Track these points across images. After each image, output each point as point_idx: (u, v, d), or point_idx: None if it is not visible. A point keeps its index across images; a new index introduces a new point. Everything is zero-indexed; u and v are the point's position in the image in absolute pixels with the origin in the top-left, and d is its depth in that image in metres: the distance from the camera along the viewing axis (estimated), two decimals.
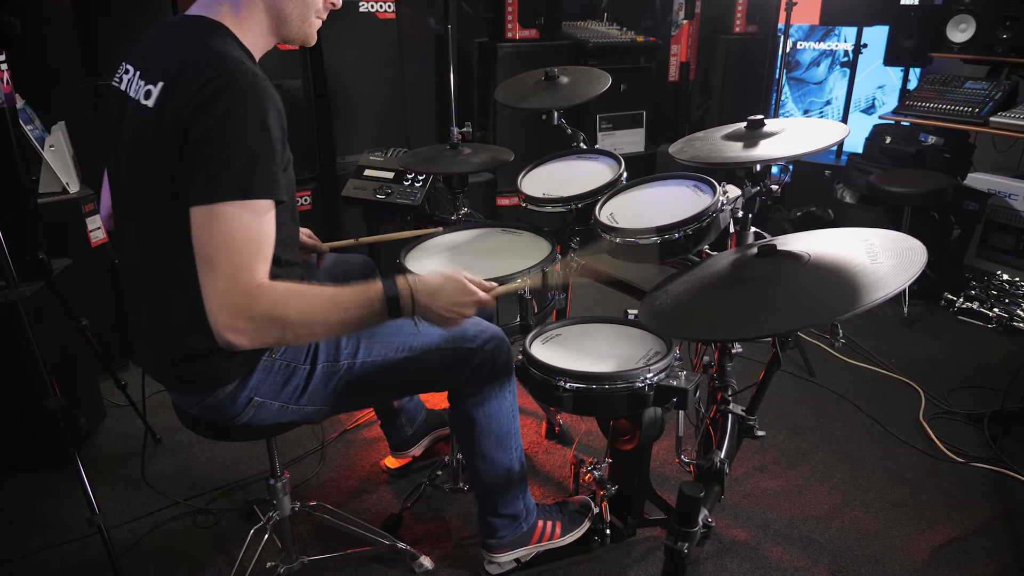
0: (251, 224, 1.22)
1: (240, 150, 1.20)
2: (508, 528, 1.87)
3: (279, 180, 1.27)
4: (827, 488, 2.30)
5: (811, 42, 4.84)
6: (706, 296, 1.43)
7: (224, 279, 1.19)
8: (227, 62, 1.24)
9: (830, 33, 4.75)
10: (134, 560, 2.02)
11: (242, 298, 1.20)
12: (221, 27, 1.33)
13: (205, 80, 1.20)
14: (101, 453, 2.49)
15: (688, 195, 1.83)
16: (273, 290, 1.24)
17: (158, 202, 1.30)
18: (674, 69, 4.23)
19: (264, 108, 1.23)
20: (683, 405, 1.45)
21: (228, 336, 1.21)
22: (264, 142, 1.23)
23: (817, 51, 4.83)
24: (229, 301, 1.20)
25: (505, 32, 3.60)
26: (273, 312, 1.23)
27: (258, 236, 1.23)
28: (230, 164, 1.20)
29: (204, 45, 1.27)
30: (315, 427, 2.61)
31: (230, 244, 1.20)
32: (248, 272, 1.21)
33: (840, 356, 3.09)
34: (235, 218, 1.20)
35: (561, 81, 2.24)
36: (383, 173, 2.42)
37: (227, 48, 1.27)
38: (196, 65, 1.24)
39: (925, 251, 1.32)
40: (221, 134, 1.20)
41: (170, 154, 1.23)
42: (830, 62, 4.82)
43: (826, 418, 2.67)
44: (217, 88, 1.20)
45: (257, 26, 1.39)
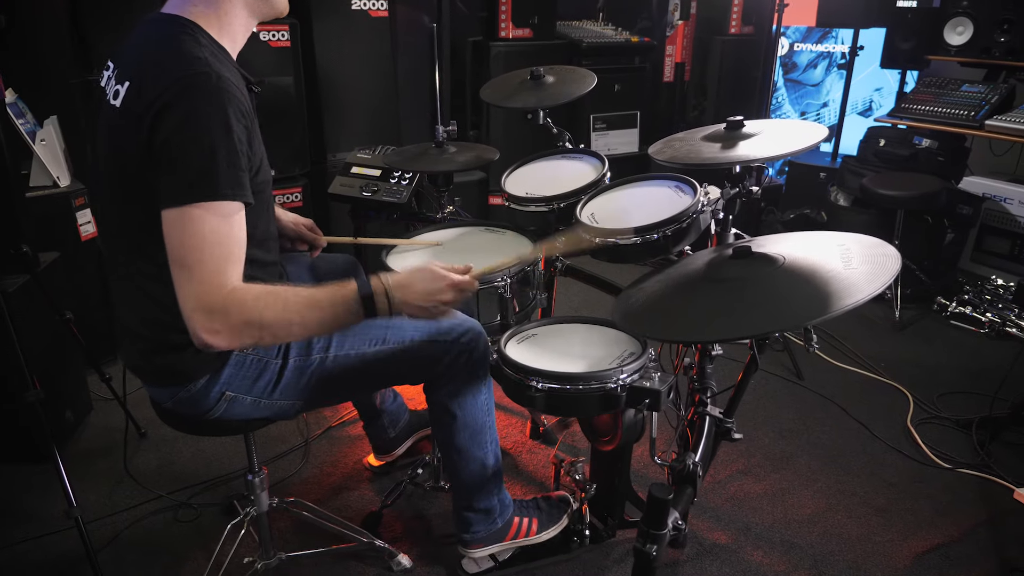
0: (220, 227, 1.22)
1: (204, 153, 1.21)
2: (482, 523, 1.87)
3: (244, 182, 1.27)
4: (811, 492, 2.29)
5: (808, 44, 4.83)
6: (678, 295, 1.42)
7: (197, 283, 1.21)
8: (192, 63, 1.24)
9: (827, 35, 4.74)
10: (114, 553, 2.02)
11: (217, 303, 1.21)
12: (193, 25, 1.32)
13: (169, 82, 1.21)
14: (87, 446, 2.50)
15: (669, 196, 1.82)
16: (248, 293, 1.25)
17: (127, 198, 1.31)
18: (669, 69, 4.22)
19: (227, 110, 1.23)
20: (656, 407, 1.45)
21: (205, 337, 1.22)
22: (228, 144, 1.23)
23: (814, 53, 4.82)
24: (204, 305, 1.21)
25: (499, 31, 3.59)
26: (250, 316, 1.24)
27: (227, 239, 1.24)
28: (193, 167, 1.20)
29: (171, 46, 1.27)
30: (300, 423, 2.61)
31: (201, 247, 1.21)
32: (220, 276, 1.22)
33: (829, 359, 3.09)
34: (203, 221, 1.21)
35: (547, 80, 2.23)
36: (370, 171, 2.42)
37: (194, 49, 1.27)
38: (161, 65, 1.24)
39: (899, 259, 1.32)
40: (185, 137, 1.20)
41: (137, 153, 1.23)
42: (827, 64, 4.81)
43: (812, 421, 2.66)
44: (181, 90, 1.20)
45: (237, 17, 1.39)
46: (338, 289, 1.33)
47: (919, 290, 3.50)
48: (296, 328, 1.31)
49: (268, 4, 1.42)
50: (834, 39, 4.75)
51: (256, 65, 2.97)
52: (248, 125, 1.30)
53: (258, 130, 1.41)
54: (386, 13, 3.25)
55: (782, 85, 4.96)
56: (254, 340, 1.28)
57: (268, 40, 2.95)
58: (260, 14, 1.43)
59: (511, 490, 2.27)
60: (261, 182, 1.40)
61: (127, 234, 1.35)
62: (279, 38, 2.97)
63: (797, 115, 5.00)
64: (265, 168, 1.43)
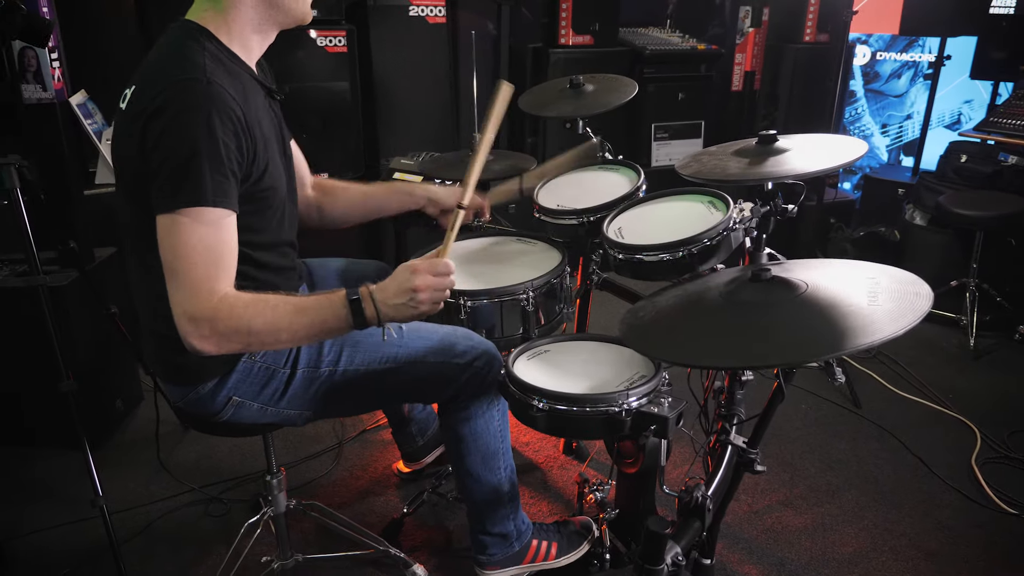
0: (207, 234, 1.23)
1: (187, 159, 1.21)
2: (498, 547, 1.83)
3: (228, 190, 1.27)
4: (855, 530, 2.15)
5: (892, 52, 4.58)
6: (688, 314, 1.35)
7: (186, 290, 1.22)
8: (185, 69, 1.25)
9: (913, 43, 4.49)
10: (144, 542, 2.09)
11: (205, 311, 1.23)
12: (203, 31, 1.34)
13: (160, 88, 1.23)
14: (133, 436, 2.59)
15: (701, 212, 1.74)
16: (238, 301, 1.26)
17: (133, 198, 1.34)
18: (738, 78, 4.08)
19: (212, 117, 1.23)
20: (663, 434, 1.38)
21: (194, 343, 1.25)
22: (212, 151, 1.23)
23: (899, 62, 4.58)
24: (191, 313, 1.22)
25: (558, 38, 3.55)
26: (238, 324, 1.26)
27: (216, 246, 1.25)
28: (177, 173, 1.22)
29: (172, 51, 1.30)
30: (335, 425, 2.64)
31: (188, 255, 1.23)
32: (208, 283, 1.23)
33: (891, 387, 2.90)
34: (190, 228, 1.22)
35: (586, 89, 2.18)
36: (412, 177, 2.42)
37: (194, 55, 1.28)
38: (159, 71, 1.27)
39: (931, 299, 1.21)
40: (170, 142, 1.22)
41: (135, 156, 1.26)
42: (912, 74, 4.56)
43: (865, 453, 2.51)
44: (169, 96, 1.22)
45: (247, 23, 1.39)
46: (327, 296, 1.33)
47: (999, 317, 3.26)
48: (284, 334, 1.30)
49: (282, 12, 1.41)
50: (920, 48, 4.49)
51: (312, 70, 3.03)
52: (240, 131, 1.29)
53: (267, 137, 1.41)
54: (444, 19, 3.25)
55: (862, 96, 4.73)
56: (242, 347, 1.30)
57: (325, 46, 3.00)
58: (275, 22, 1.43)
59: (538, 506, 2.24)
60: (267, 188, 1.41)
61: (136, 232, 1.38)
62: (336, 43, 3.02)
63: (878, 127, 4.76)
64: (273, 174, 1.43)
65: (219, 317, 1.23)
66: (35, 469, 2.41)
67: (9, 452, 2.48)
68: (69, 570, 1.97)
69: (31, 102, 2.16)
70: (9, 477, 2.38)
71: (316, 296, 1.33)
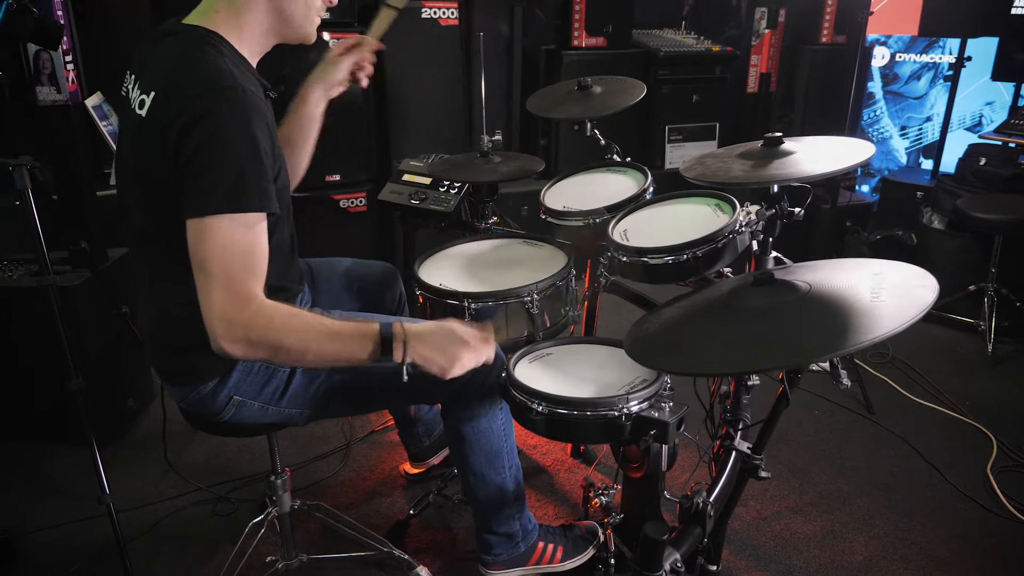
0: (244, 237, 1.25)
1: (230, 165, 1.23)
2: (503, 547, 1.82)
3: (271, 192, 1.29)
4: (865, 538, 2.12)
5: (912, 54, 4.53)
6: (694, 323, 1.34)
7: (222, 293, 1.23)
8: (218, 76, 1.26)
9: (933, 44, 4.43)
10: (151, 540, 2.11)
11: (241, 316, 1.24)
12: (215, 36, 1.34)
13: (196, 95, 1.23)
14: (145, 434, 2.61)
15: (708, 214, 1.73)
16: (276, 313, 1.28)
17: (148, 202, 1.35)
18: (753, 80, 4.05)
19: (253, 123, 1.26)
20: (663, 439, 1.37)
21: (224, 346, 1.25)
22: (254, 156, 1.25)
23: (918, 63, 4.52)
24: (227, 316, 1.23)
25: (571, 39, 3.54)
26: (270, 336, 1.27)
27: (251, 249, 1.26)
28: (221, 179, 1.23)
29: (196, 57, 1.29)
30: (343, 426, 2.64)
31: (227, 258, 1.23)
32: (246, 288, 1.24)
33: (906, 393, 2.86)
34: (228, 232, 1.23)
35: (594, 91, 2.17)
36: (421, 179, 2.43)
37: (219, 61, 1.29)
38: (187, 78, 1.26)
39: (936, 291, 1.19)
40: (211, 149, 1.23)
41: (161, 162, 1.26)
42: (932, 75, 4.50)
43: (878, 460, 2.47)
44: (209, 103, 1.23)
45: (257, 27, 1.40)
46: (361, 327, 1.34)
47: (1018, 323, 3.20)
48: (311, 356, 1.32)
49: (289, 27, 1.43)
50: (941, 49, 4.43)
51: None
52: (272, 134, 1.33)
53: (277, 137, 1.42)
54: (456, 22, 3.26)
55: (881, 98, 4.68)
56: (267, 358, 1.32)
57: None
58: (278, 34, 1.44)
59: (545, 509, 2.23)
60: (280, 188, 1.42)
61: (146, 236, 1.39)
62: None
63: (897, 129, 4.70)
64: (284, 174, 1.44)
65: (254, 325, 1.24)
66: (48, 466, 2.44)
67: (24, 448, 2.51)
68: (78, 566, 1.99)
69: (46, 104, 2.19)
70: (23, 473, 2.41)
71: (350, 324, 1.34)
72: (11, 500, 2.28)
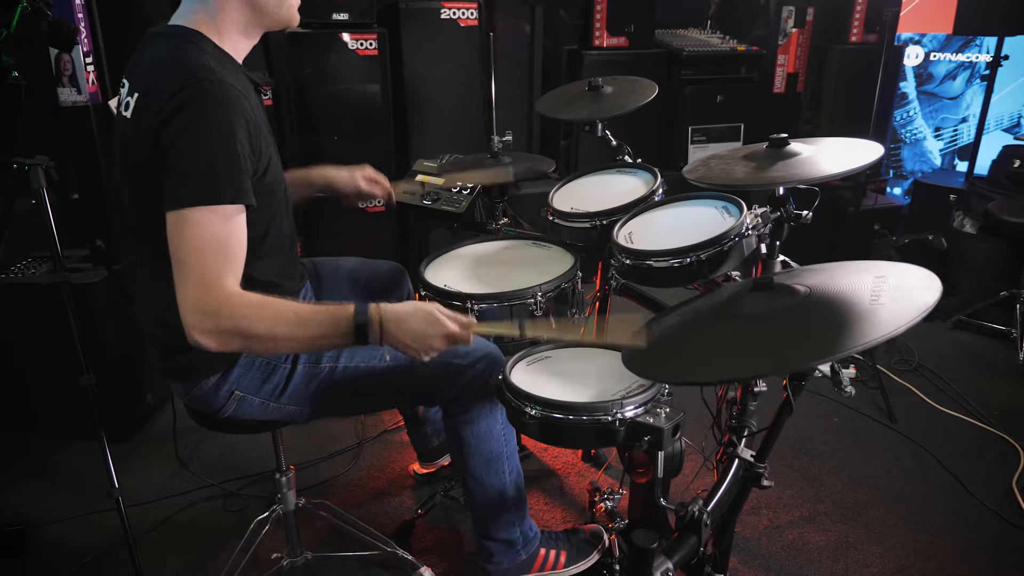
0: (219, 229, 1.25)
1: (206, 157, 1.24)
2: (504, 554, 1.81)
3: (246, 185, 1.29)
4: (880, 550, 2.07)
5: (947, 53, 4.40)
6: (691, 331, 1.31)
7: (195, 284, 1.23)
8: (197, 71, 1.27)
9: (970, 43, 4.30)
10: (162, 534, 2.14)
11: (212, 305, 1.24)
12: (196, 35, 1.37)
13: (175, 90, 1.25)
14: (163, 430, 2.65)
15: (715, 217, 1.70)
16: (244, 301, 1.27)
17: (140, 202, 1.36)
18: (780, 80, 3.98)
19: (230, 116, 1.26)
20: (658, 445, 1.34)
21: (197, 337, 1.25)
22: (230, 148, 1.26)
23: (954, 63, 4.39)
24: (199, 307, 1.24)
25: (593, 39, 3.51)
26: (241, 324, 1.26)
27: (227, 240, 1.26)
28: (194, 171, 1.23)
29: (177, 55, 1.31)
30: (356, 425, 2.66)
31: (201, 249, 1.24)
32: (217, 278, 1.24)
33: (930, 401, 2.78)
34: (203, 223, 1.24)
35: (605, 91, 2.15)
36: (434, 179, 2.42)
37: (199, 56, 1.31)
38: (166, 75, 1.28)
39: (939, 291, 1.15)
40: (187, 141, 1.24)
41: (147, 160, 1.28)
42: (968, 75, 4.37)
43: (898, 471, 2.40)
44: (185, 97, 1.24)
45: (235, 25, 1.42)
46: (334, 312, 1.32)
47: None
48: (283, 343, 1.32)
49: (267, 16, 1.44)
50: (977, 48, 4.31)
51: (344, 73, 3.06)
52: (252, 128, 1.33)
53: (267, 132, 1.44)
54: (476, 22, 3.25)
55: (914, 98, 4.56)
56: (241, 348, 1.31)
57: (356, 49, 3.03)
58: (259, 25, 1.45)
59: (553, 512, 2.22)
60: (271, 182, 1.43)
61: (140, 235, 1.41)
62: (367, 46, 3.05)
63: (931, 130, 4.58)
64: (274, 169, 1.45)
65: (224, 313, 1.24)
66: (67, 459, 2.49)
67: (45, 442, 2.57)
68: (90, 559, 2.03)
69: (66, 104, 2.24)
70: (42, 466, 2.46)
71: (323, 309, 1.32)
72: (29, 492, 2.33)
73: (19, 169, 1.79)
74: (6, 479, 2.39)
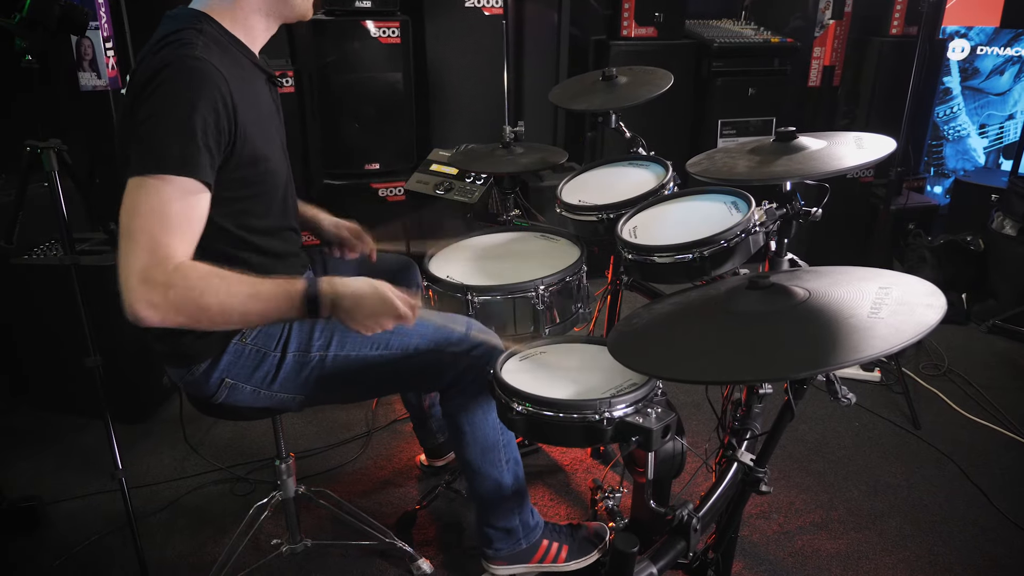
0: (173, 200, 1.22)
1: (161, 128, 1.23)
2: (504, 542, 1.79)
3: (199, 160, 1.25)
4: (894, 560, 1.99)
5: (995, 47, 4.23)
6: (681, 323, 1.27)
7: (142, 252, 1.19)
8: (180, 47, 1.27)
9: (1019, 37, 4.12)
10: (167, 516, 2.17)
11: (159, 275, 1.19)
12: (204, 17, 1.37)
13: (154, 66, 1.26)
14: (176, 413, 2.68)
15: (722, 212, 1.64)
16: (193, 272, 1.23)
17: None
18: (816, 73, 3.86)
19: (195, 91, 1.25)
20: (647, 446, 1.30)
21: (140, 309, 1.19)
22: (186, 122, 1.23)
23: (1001, 57, 4.22)
24: (147, 276, 1.19)
25: (621, 29, 3.45)
26: (190, 295, 1.22)
27: (180, 213, 1.23)
28: (148, 143, 1.23)
29: (171, 34, 1.31)
30: (367, 413, 2.66)
31: (147, 217, 1.20)
32: (165, 248, 1.20)
33: (958, 408, 2.68)
34: (156, 192, 1.21)
35: (619, 81, 2.10)
36: (447, 169, 2.41)
37: (187, 35, 1.31)
38: (150, 54, 1.29)
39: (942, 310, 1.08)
40: (147, 112, 1.24)
41: (129, 137, 1.28)
42: (1017, 70, 4.19)
43: (918, 479, 2.32)
44: (159, 69, 1.25)
45: (254, 10, 1.43)
46: (285, 285, 1.30)
47: None
48: (236, 317, 1.28)
49: (287, 6, 1.46)
50: None
51: (366, 61, 3.06)
52: (222, 108, 1.29)
53: (263, 120, 1.44)
54: (500, 11, 3.22)
55: (958, 93, 4.39)
56: (189, 320, 1.25)
57: (379, 36, 3.03)
58: (279, 15, 1.47)
59: (557, 508, 2.19)
60: (266, 172, 1.43)
61: None
62: (390, 35, 3.04)
63: (975, 127, 4.41)
64: (272, 159, 1.45)
65: (173, 284, 1.20)
66: (84, 439, 2.54)
67: (63, 421, 2.63)
68: (96, 537, 2.06)
69: (87, 89, 2.27)
70: (60, 445, 2.52)
71: (275, 283, 1.30)
72: (46, 468, 2.39)
73: (32, 152, 1.81)
74: (26, 457, 2.45)
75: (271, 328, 1.51)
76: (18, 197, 1.89)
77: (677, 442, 1.53)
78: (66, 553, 2.02)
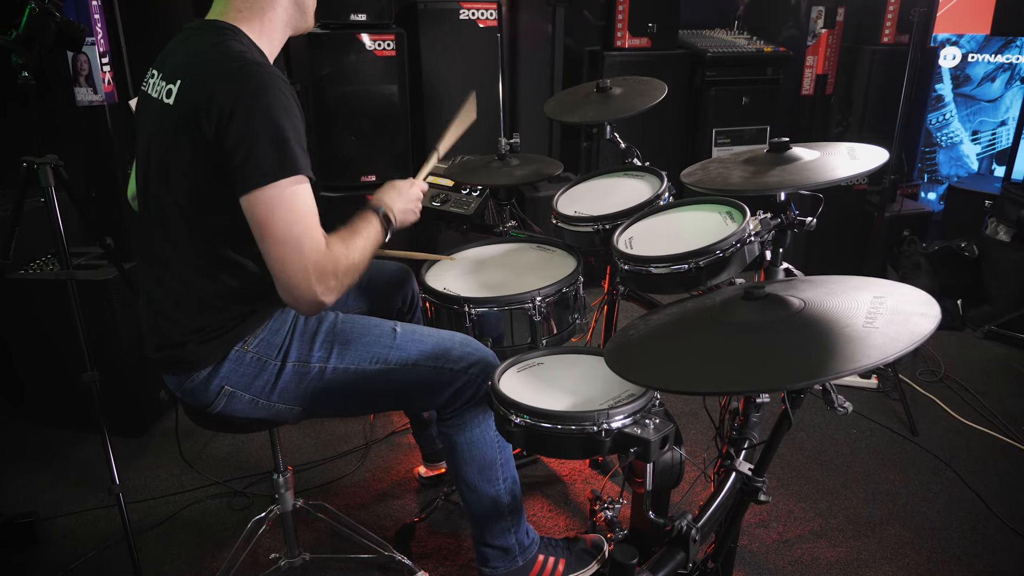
0: (305, 195, 1.33)
1: (274, 133, 1.29)
2: (500, 560, 1.79)
3: (307, 157, 1.35)
4: (894, 567, 1.99)
5: (986, 54, 4.26)
6: (677, 334, 1.28)
7: (310, 252, 1.31)
8: (245, 56, 1.33)
9: (1010, 44, 4.15)
10: (166, 530, 2.16)
11: (328, 264, 1.34)
12: (234, 29, 1.40)
13: (227, 75, 1.30)
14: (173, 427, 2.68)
15: (718, 223, 1.65)
16: (335, 247, 1.38)
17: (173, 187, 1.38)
18: (809, 82, 3.88)
19: (287, 94, 1.33)
20: (645, 457, 1.30)
21: (326, 301, 1.36)
22: (293, 125, 1.32)
23: (992, 64, 4.25)
24: (319, 270, 1.32)
25: (614, 40, 3.47)
26: (349, 262, 1.40)
27: (312, 205, 1.35)
28: (269, 148, 1.29)
29: (222, 44, 1.35)
30: (365, 426, 2.66)
31: (300, 219, 1.31)
32: (318, 240, 1.34)
33: (956, 415, 2.68)
34: (295, 195, 1.31)
35: (613, 92, 2.11)
36: (444, 180, 2.41)
37: (239, 46, 1.36)
38: (215, 62, 1.32)
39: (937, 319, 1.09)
40: (253, 123, 1.28)
41: (195, 145, 1.31)
42: (1008, 77, 4.22)
43: (917, 486, 2.32)
44: (240, 82, 1.29)
45: (279, 22, 1.47)
46: (362, 220, 1.51)
47: None
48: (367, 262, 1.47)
49: (304, 19, 1.52)
50: (1017, 49, 4.16)
51: (361, 73, 3.07)
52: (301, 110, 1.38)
53: None
54: (495, 23, 3.23)
55: (951, 100, 4.42)
56: (351, 282, 1.42)
57: (374, 49, 3.04)
58: (295, 28, 1.52)
59: (556, 520, 2.19)
60: None
61: (165, 223, 1.42)
62: (385, 47, 3.05)
63: (968, 134, 4.43)
64: None
65: (337, 265, 1.36)
66: (81, 454, 2.53)
67: (60, 436, 2.62)
68: (93, 553, 2.05)
69: (83, 104, 2.27)
70: (56, 460, 2.51)
71: (359, 221, 1.51)
72: (42, 484, 2.37)
73: (29, 168, 1.82)
74: (23, 472, 2.44)
75: (272, 337, 1.52)
76: (15, 212, 1.90)
77: (675, 452, 1.54)
78: (63, 569, 2.01)
